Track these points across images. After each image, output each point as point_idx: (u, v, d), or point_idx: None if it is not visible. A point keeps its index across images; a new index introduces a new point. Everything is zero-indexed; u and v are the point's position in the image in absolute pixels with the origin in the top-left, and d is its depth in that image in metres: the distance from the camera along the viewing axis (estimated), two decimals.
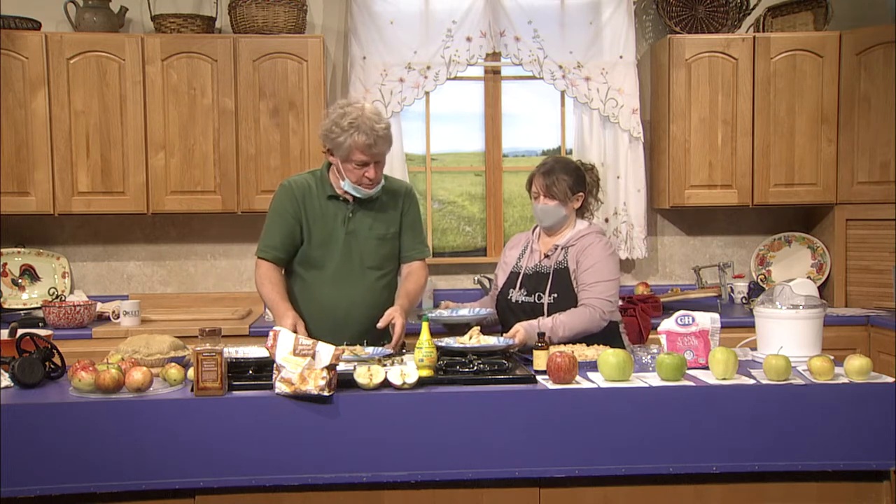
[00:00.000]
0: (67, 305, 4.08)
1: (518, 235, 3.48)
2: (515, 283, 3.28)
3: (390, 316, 3.01)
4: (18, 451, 2.40)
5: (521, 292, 3.25)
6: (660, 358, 2.68)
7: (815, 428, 2.58)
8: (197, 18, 4.38)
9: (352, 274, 3.13)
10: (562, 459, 2.53)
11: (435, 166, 4.87)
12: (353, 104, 3.08)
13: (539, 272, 3.26)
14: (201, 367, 2.47)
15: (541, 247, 3.32)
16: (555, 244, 3.27)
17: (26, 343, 2.73)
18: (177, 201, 4.32)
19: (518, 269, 3.31)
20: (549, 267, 3.24)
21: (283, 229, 3.15)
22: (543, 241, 3.34)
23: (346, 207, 3.16)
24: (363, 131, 2.98)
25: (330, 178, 3.18)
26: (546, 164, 3.31)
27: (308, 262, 3.17)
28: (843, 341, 4.12)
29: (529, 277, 3.26)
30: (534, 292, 3.23)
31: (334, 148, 3.05)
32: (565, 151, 4.87)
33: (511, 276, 3.31)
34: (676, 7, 4.61)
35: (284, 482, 2.49)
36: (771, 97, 4.53)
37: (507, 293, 3.29)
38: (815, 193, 4.58)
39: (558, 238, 3.29)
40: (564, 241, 3.26)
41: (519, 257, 3.35)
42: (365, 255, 3.16)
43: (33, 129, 4.22)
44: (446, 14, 4.55)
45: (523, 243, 3.40)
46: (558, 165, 3.28)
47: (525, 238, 3.42)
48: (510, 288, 3.29)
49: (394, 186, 3.25)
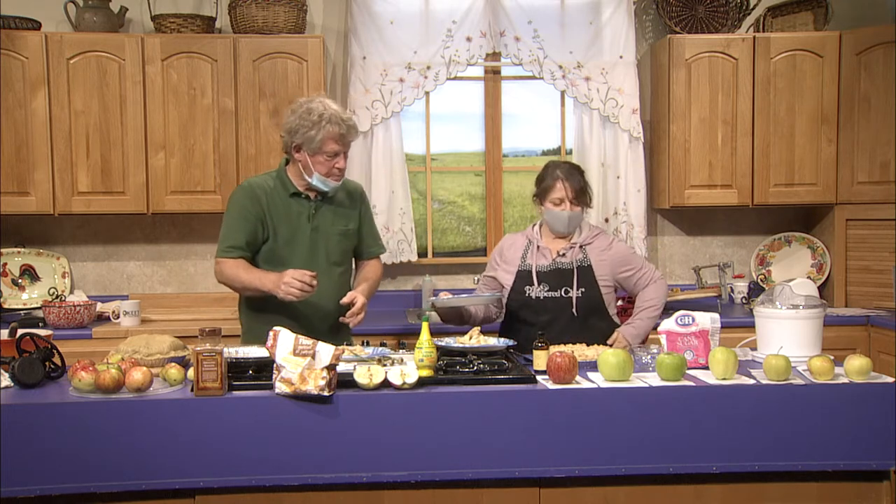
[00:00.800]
0: (67, 305, 4.08)
1: (511, 236, 3.50)
2: (531, 281, 3.30)
3: (353, 294, 3.17)
4: (18, 451, 2.40)
5: (541, 288, 3.29)
6: (660, 358, 2.69)
7: (815, 428, 2.58)
8: (197, 18, 4.38)
9: (317, 269, 3.14)
10: (562, 459, 2.53)
11: (435, 166, 4.87)
12: (315, 100, 3.18)
13: (560, 269, 3.30)
14: (201, 367, 2.47)
15: (550, 246, 3.35)
16: (571, 243, 3.34)
17: (26, 343, 2.73)
18: (177, 201, 4.32)
19: (527, 267, 3.33)
20: (569, 264, 3.31)
21: (246, 229, 3.19)
22: (551, 241, 3.37)
23: (308, 205, 3.23)
24: (335, 122, 3.11)
25: (290, 176, 3.25)
26: (561, 169, 3.36)
27: (274, 259, 3.21)
28: (843, 341, 4.12)
29: (549, 274, 3.30)
30: (559, 287, 3.28)
31: (305, 142, 3.14)
32: (565, 151, 4.87)
33: (523, 275, 3.33)
34: (676, 7, 4.61)
35: (284, 482, 2.49)
36: (771, 97, 4.53)
37: (523, 290, 3.31)
38: (815, 193, 4.58)
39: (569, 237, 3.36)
40: (581, 240, 3.35)
41: (523, 256, 3.37)
42: (329, 250, 3.25)
43: (33, 129, 4.22)
44: (446, 14, 4.55)
45: (523, 243, 3.41)
46: (574, 170, 3.37)
47: (521, 238, 3.44)
48: (525, 285, 3.31)
49: (349, 186, 3.37)
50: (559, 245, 3.36)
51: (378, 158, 4.55)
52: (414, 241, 4.67)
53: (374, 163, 4.55)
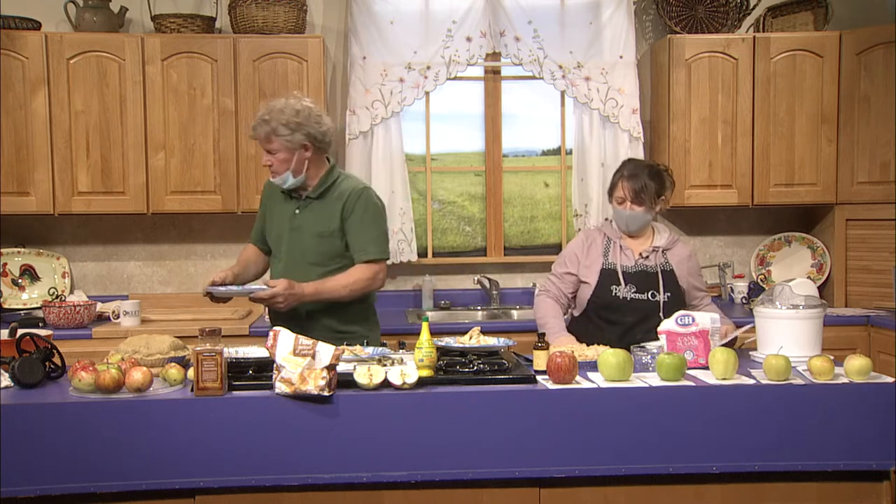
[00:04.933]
0: (67, 305, 4.08)
1: (589, 232, 3.48)
2: (617, 280, 3.29)
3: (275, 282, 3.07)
4: (18, 451, 2.40)
5: (628, 289, 3.28)
6: (660, 358, 2.69)
7: (815, 428, 2.58)
8: (197, 18, 4.38)
9: (297, 269, 3.20)
10: (562, 459, 2.53)
11: (435, 166, 4.87)
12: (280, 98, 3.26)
13: (644, 271, 3.32)
14: (201, 367, 2.47)
15: (631, 245, 3.36)
16: (653, 246, 3.35)
17: (26, 343, 2.73)
18: (177, 201, 4.32)
19: (612, 266, 3.32)
20: (653, 267, 3.32)
21: (258, 222, 3.47)
22: (631, 242, 3.38)
23: (294, 204, 3.28)
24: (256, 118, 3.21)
25: None
26: (628, 168, 3.36)
27: (271, 254, 3.43)
28: (843, 341, 4.12)
29: (634, 275, 3.31)
30: (646, 290, 3.29)
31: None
32: (565, 151, 4.87)
33: (609, 273, 3.31)
34: (676, 7, 4.62)
35: (284, 482, 2.49)
36: (771, 97, 4.53)
37: (610, 289, 3.30)
38: (815, 193, 4.58)
39: (647, 239, 3.38)
40: (664, 244, 3.37)
41: (605, 254, 3.35)
42: (306, 251, 3.24)
43: (33, 129, 4.22)
44: (446, 14, 4.55)
45: (603, 241, 3.39)
46: (643, 170, 3.34)
47: (599, 235, 3.41)
48: (612, 284, 3.30)
49: (344, 186, 3.26)
50: (640, 246, 3.36)
51: (378, 158, 4.55)
52: (414, 241, 4.67)
53: (374, 163, 4.55)
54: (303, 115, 3.15)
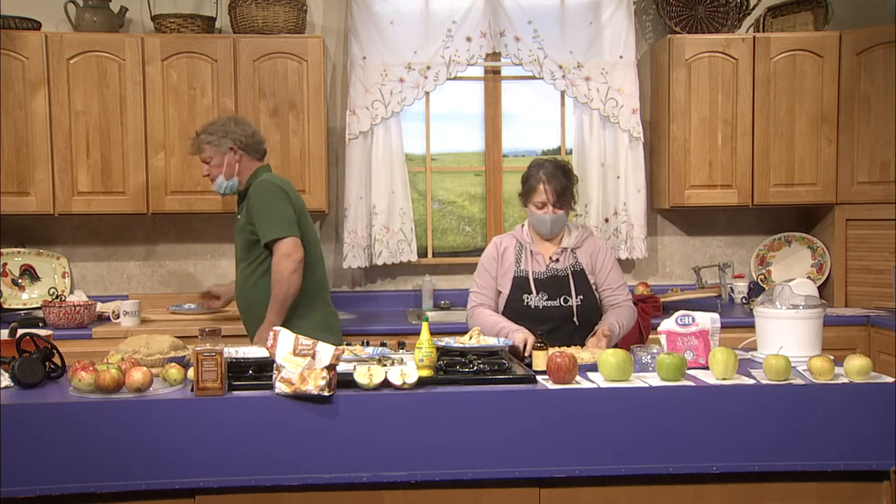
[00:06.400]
0: (67, 305, 4.08)
1: (501, 238, 3.36)
2: (529, 289, 3.22)
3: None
4: (18, 451, 2.40)
5: (540, 297, 3.20)
6: (660, 358, 2.69)
7: (815, 428, 2.58)
8: (197, 18, 4.38)
9: (237, 266, 3.58)
10: (562, 459, 2.53)
11: (435, 166, 4.87)
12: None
13: (556, 276, 3.23)
14: (201, 367, 2.47)
15: (541, 250, 3.28)
16: (562, 247, 3.26)
17: (26, 343, 2.73)
18: (177, 201, 4.32)
19: (523, 273, 3.24)
20: (563, 270, 3.24)
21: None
22: (542, 245, 3.29)
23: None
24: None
25: None
26: (544, 170, 3.22)
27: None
28: (843, 341, 4.12)
29: (545, 282, 3.22)
30: (558, 296, 3.21)
31: None
32: (565, 151, 4.87)
33: (520, 282, 3.23)
34: (676, 7, 4.62)
35: (284, 482, 2.49)
36: (771, 97, 4.53)
37: (521, 298, 3.22)
38: (815, 193, 4.58)
39: (559, 241, 3.28)
40: (572, 244, 3.27)
41: (517, 261, 3.27)
42: (238, 248, 3.56)
43: (33, 129, 4.22)
44: (446, 14, 4.55)
45: (515, 246, 3.30)
46: (558, 170, 3.22)
47: (511, 241, 3.31)
48: (524, 293, 3.22)
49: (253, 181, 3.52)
50: (550, 249, 3.27)
51: (378, 158, 4.55)
52: (414, 241, 4.66)
53: (374, 163, 4.55)
54: (228, 122, 3.54)
